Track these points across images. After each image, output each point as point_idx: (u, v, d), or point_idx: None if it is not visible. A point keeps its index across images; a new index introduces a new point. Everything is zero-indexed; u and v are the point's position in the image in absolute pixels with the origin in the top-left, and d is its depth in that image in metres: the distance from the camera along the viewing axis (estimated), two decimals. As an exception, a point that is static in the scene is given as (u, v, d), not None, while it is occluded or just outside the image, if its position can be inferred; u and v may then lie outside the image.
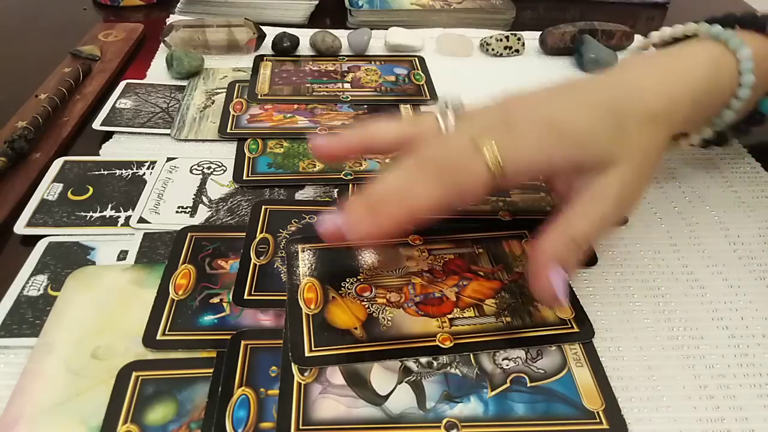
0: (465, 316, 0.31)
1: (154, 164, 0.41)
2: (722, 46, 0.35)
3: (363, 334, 0.30)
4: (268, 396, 0.27)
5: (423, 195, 0.29)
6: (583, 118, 0.31)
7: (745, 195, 0.41)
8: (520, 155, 0.30)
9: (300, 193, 0.40)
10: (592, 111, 0.31)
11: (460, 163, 0.29)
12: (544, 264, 0.30)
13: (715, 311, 0.33)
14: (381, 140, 0.33)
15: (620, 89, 0.33)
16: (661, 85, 0.33)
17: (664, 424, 0.28)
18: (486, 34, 0.59)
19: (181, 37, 0.54)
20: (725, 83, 0.35)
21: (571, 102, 0.32)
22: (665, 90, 0.33)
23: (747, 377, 0.30)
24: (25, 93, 0.48)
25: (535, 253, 0.30)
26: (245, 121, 0.46)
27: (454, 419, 0.27)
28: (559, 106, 0.32)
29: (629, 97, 0.32)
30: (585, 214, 0.31)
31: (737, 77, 0.35)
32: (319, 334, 0.30)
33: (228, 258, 0.34)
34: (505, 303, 0.32)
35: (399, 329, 0.30)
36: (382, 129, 0.34)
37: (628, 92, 0.33)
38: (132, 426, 0.26)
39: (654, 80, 0.34)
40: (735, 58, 0.35)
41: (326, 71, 0.53)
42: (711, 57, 0.35)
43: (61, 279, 0.33)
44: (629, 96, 0.32)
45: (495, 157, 0.29)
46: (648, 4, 0.71)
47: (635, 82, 0.33)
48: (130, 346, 0.30)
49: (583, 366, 0.29)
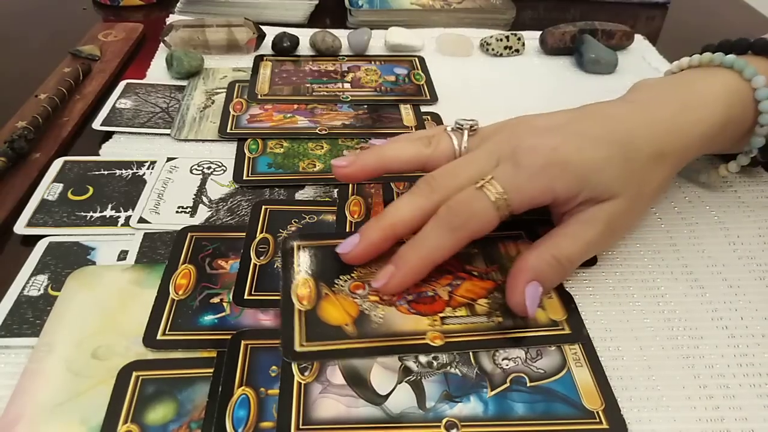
0: (456, 315, 0.31)
1: (154, 164, 0.42)
2: (737, 75, 0.36)
3: (354, 331, 0.30)
4: (269, 396, 0.27)
5: (436, 246, 0.31)
6: (589, 152, 0.32)
7: (745, 195, 0.41)
8: (525, 193, 0.31)
9: (300, 193, 0.40)
10: (600, 146, 0.32)
11: (468, 209, 0.31)
12: (523, 277, 0.31)
13: (714, 311, 0.33)
14: (398, 162, 0.35)
15: (633, 123, 0.33)
16: (676, 122, 0.34)
17: (664, 423, 0.28)
18: (486, 34, 0.59)
19: (180, 37, 0.54)
20: (742, 114, 0.35)
21: (580, 134, 0.33)
22: (678, 127, 0.34)
23: (747, 377, 0.30)
24: (24, 93, 0.48)
25: (517, 264, 0.31)
26: (245, 121, 0.46)
27: (453, 419, 0.27)
28: (567, 138, 0.32)
29: (641, 133, 0.33)
30: (572, 237, 0.32)
31: (754, 105, 0.35)
32: (310, 330, 0.30)
33: (228, 258, 0.34)
34: (498, 303, 0.32)
35: (390, 327, 0.30)
36: (398, 151, 0.35)
37: (640, 128, 0.33)
38: (132, 426, 0.26)
39: (668, 114, 0.34)
40: (750, 87, 0.35)
41: (326, 71, 0.53)
42: (726, 89, 0.35)
43: (61, 279, 0.33)
44: (641, 132, 0.33)
45: (501, 198, 0.31)
46: (648, 3, 0.71)
47: (649, 117, 0.34)
48: (131, 346, 0.30)
49: (582, 366, 0.29)
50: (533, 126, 0.34)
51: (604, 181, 0.32)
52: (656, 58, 0.58)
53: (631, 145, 0.32)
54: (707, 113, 0.34)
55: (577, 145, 0.32)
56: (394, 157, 0.35)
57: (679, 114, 0.34)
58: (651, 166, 0.33)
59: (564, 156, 0.31)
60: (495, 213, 0.31)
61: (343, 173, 0.35)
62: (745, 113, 0.36)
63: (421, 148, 0.35)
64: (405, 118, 0.48)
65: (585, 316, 0.32)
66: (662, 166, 0.33)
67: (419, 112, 0.49)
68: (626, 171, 0.32)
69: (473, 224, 0.31)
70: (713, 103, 0.35)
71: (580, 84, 0.54)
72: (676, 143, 0.34)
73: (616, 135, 0.33)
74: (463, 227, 0.31)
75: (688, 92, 0.36)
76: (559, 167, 0.31)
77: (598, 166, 0.32)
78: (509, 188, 0.31)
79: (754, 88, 0.35)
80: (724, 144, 0.37)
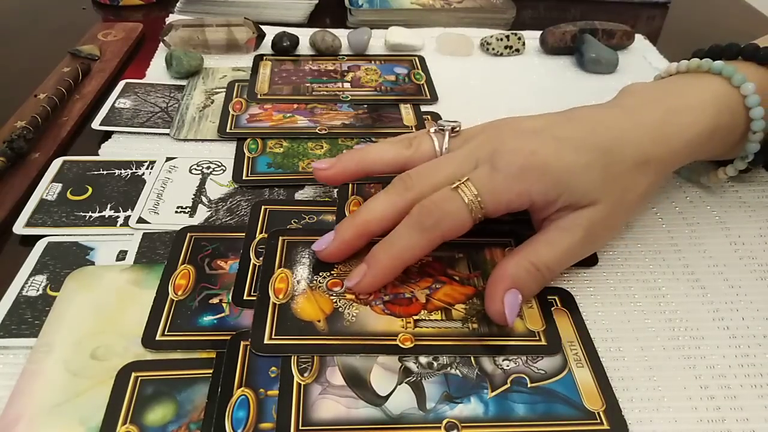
0: (431, 318, 0.31)
1: (153, 164, 0.41)
2: (726, 82, 0.35)
3: (325, 327, 0.30)
4: (268, 396, 0.27)
5: (407, 245, 0.31)
6: (569, 157, 0.31)
7: (746, 195, 0.41)
8: (499, 196, 0.31)
9: (300, 193, 0.40)
10: (581, 151, 0.32)
11: (440, 209, 0.31)
12: (502, 284, 0.30)
13: (716, 311, 0.33)
14: (379, 164, 0.35)
15: (618, 128, 0.33)
16: (662, 128, 0.33)
17: (665, 424, 0.28)
18: (486, 34, 0.59)
19: (180, 37, 0.54)
20: (732, 121, 0.35)
21: (561, 138, 0.32)
22: (664, 135, 0.33)
23: (748, 378, 0.30)
24: (23, 93, 0.48)
25: (496, 272, 0.31)
26: (245, 121, 0.46)
27: (454, 420, 0.27)
28: (548, 141, 0.32)
29: (626, 138, 0.33)
30: (551, 244, 0.32)
31: (744, 112, 0.35)
32: (282, 324, 0.30)
33: (227, 258, 0.34)
34: (475, 309, 0.32)
35: (362, 326, 0.30)
36: (379, 153, 0.35)
37: (625, 132, 0.33)
38: (131, 427, 0.26)
39: (654, 120, 0.34)
40: (740, 94, 0.35)
41: (326, 71, 0.53)
42: (715, 96, 0.35)
43: (60, 279, 0.33)
44: (626, 137, 0.33)
45: (475, 200, 0.31)
46: (649, 3, 0.71)
47: (634, 122, 0.33)
48: (130, 347, 0.29)
49: (583, 366, 0.29)
50: (515, 128, 0.34)
51: (583, 187, 0.31)
52: (657, 58, 0.58)
53: (613, 151, 0.32)
54: (694, 119, 0.34)
55: (556, 150, 0.31)
56: (375, 159, 0.35)
57: (666, 120, 0.34)
58: (635, 172, 0.32)
59: (542, 160, 0.31)
60: (468, 215, 0.31)
61: (324, 176, 0.35)
62: (735, 120, 0.35)
63: (401, 149, 0.35)
64: (405, 117, 0.48)
65: (586, 317, 0.32)
66: (647, 173, 0.33)
67: (419, 111, 0.48)
68: (607, 177, 0.31)
69: (445, 225, 0.31)
70: (701, 110, 0.34)
71: (580, 84, 0.54)
72: (661, 149, 0.33)
73: (599, 140, 0.32)
74: (434, 228, 0.31)
75: (675, 98, 0.35)
76: (537, 171, 0.31)
77: (578, 171, 0.31)
78: (484, 191, 0.31)
79: (743, 95, 0.35)
80: (714, 151, 0.37)
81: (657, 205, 0.40)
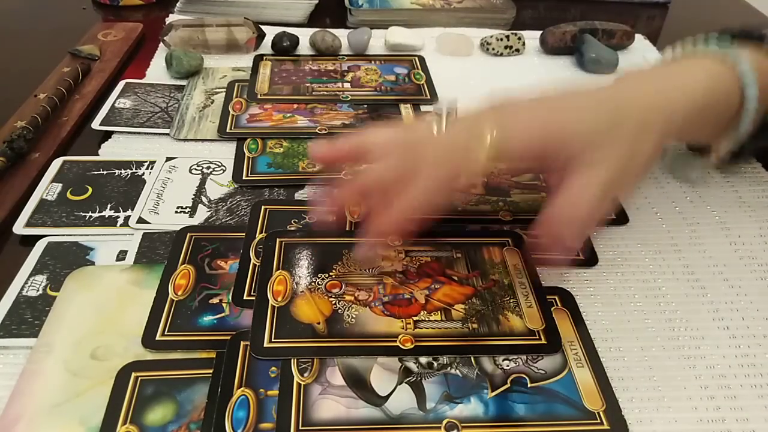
0: (431, 319, 0.31)
1: (153, 164, 0.41)
2: (720, 60, 0.35)
3: (325, 330, 0.30)
4: (268, 396, 0.27)
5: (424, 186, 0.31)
6: (577, 115, 0.32)
7: (746, 195, 0.41)
8: (515, 134, 0.31)
9: (300, 193, 0.40)
10: (587, 112, 0.32)
11: (457, 144, 0.31)
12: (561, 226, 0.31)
13: (716, 311, 0.33)
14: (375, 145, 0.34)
15: (618, 96, 0.34)
16: (659, 94, 0.34)
17: (665, 424, 0.28)
18: (486, 34, 0.59)
19: (180, 37, 0.54)
20: (726, 97, 0.35)
21: (567, 103, 0.33)
22: (662, 99, 0.34)
23: (748, 377, 0.30)
24: (24, 93, 0.48)
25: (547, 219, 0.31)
26: (245, 121, 0.46)
27: (454, 420, 0.27)
28: (554, 105, 0.33)
29: (627, 104, 0.33)
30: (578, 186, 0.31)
31: (739, 90, 0.35)
32: (281, 327, 0.30)
33: (227, 258, 0.34)
34: (474, 309, 0.32)
35: (362, 327, 0.30)
36: (376, 134, 0.35)
37: (626, 99, 0.33)
38: (131, 426, 0.26)
39: (652, 89, 0.34)
40: (735, 72, 0.35)
41: (326, 71, 0.53)
42: (709, 71, 0.35)
43: (60, 279, 0.33)
44: (627, 102, 0.33)
45: (492, 134, 0.31)
46: (649, 3, 0.71)
47: (634, 91, 0.34)
48: (130, 347, 0.29)
49: (583, 366, 0.29)
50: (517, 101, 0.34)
51: (593, 140, 0.31)
52: (657, 58, 0.58)
53: (618, 113, 0.32)
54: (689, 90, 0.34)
55: (565, 112, 0.32)
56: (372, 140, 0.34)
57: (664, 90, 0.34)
58: (638, 133, 0.32)
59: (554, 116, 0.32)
60: (484, 150, 0.31)
61: (320, 154, 0.35)
62: (729, 98, 0.35)
63: (399, 132, 0.35)
64: (405, 117, 0.48)
65: (586, 317, 0.32)
66: (649, 135, 0.33)
67: (419, 111, 0.48)
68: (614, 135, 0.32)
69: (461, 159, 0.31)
70: (694, 84, 0.35)
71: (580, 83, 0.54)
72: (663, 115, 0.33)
73: (605, 105, 0.33)
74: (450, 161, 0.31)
75: (670, 73, 0.36)
76: (550, 125, 0.32)
77: (587, 127, 0.31)
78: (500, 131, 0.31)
79: (738, 75, 0.35)
80: (706, 128, 0.37)
81: (657, 205, 0.40)
